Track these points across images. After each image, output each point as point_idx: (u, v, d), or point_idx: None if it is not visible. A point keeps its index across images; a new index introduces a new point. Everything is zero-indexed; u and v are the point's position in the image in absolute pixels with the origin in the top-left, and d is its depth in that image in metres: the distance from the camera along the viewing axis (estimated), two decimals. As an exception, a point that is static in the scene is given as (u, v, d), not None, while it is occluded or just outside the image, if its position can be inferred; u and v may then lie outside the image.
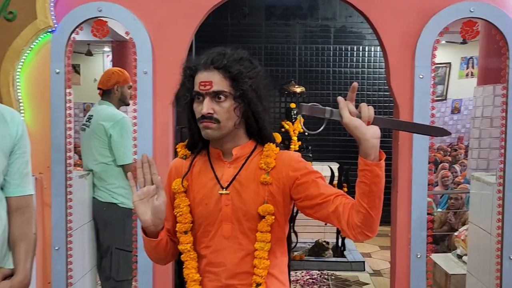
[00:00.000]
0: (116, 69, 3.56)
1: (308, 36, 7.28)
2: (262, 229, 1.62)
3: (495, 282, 2.77)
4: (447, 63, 7.14)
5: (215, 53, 1.59)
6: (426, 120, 2.71)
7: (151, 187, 1.51)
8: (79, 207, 3.03)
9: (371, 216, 1.47)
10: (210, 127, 1.56)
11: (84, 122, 3.46)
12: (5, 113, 1.82)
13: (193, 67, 1.60)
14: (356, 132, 1.44)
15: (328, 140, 7.04)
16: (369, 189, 1.46)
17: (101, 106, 3.41)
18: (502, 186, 2.71)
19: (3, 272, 1.75)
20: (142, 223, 1.52)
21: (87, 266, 3.31)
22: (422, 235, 2.73)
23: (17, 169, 1.82)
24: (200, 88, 1.56)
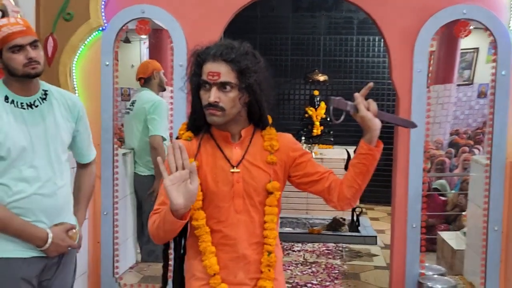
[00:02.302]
0: (149, 60, 4.00)
1: (333, 27, 7.48)
2: (271, 204, 1.74)
3: (481, 250, 3.10)
4: (474, 48, 7.15)
5: (224, 46, 1.66)
6: (423, 109, 3.03)
7: (183, 171, 1.51)
8: (122, 179, 3.44)
9: (361, 190, 1.78)
10: (216, 114, 1.64)
11: (128, 106, 3.90)
12: (68, 99, 2.18)
13: (203, 56, 1.66)
14: (369, 124, 1.66)
15: (349, 126, 7.27)
16: (367, 169, 1.72)
17: (143, 92, 3.82)
18: (489, 166, 3.03)
19: (66, 227, 2.08)
20: (174, 206, 1.51)
21: (129, 231, 3.75)
22: (417, 207, 3.07)
23: (83, 142, 2.25)
24: (208, 77, 1.63)
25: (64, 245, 2.05)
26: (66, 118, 2.13)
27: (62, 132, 2.10)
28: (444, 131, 6.37)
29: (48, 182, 2.02)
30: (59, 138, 2.08)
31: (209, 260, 1.70)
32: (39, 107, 2.05)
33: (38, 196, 1.99)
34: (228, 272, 1.72)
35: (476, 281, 3.21)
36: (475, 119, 6.73)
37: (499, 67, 2.98)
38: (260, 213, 1.75)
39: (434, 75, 5.77)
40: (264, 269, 1.74)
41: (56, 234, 2.02)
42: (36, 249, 2.00)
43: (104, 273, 3.24)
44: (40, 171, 2.00)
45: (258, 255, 1.75)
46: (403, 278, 3.10)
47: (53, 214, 2.04)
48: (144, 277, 3.57)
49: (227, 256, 1.72)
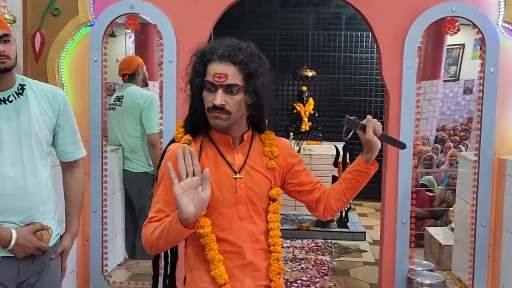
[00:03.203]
0: (132, 55, 4.00)
1: (321, 23, 7.53)
2: (276, 211, 1.72)
3: (469, 245, 3.14)
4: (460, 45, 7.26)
5: (231, 47, 1.59)
6: (412, 105, 3.06)
7: (194, 178, 1.44)
8: (111, 176, 3.42)
9: (347, 203, 1.84)
10: (221, 117, 1.58)
11: (112, 102, 3.84)
12: (47, 92, 2.06)
13: (208, 56, 1.59)
14: (372, 145, 1.73)
15: (337, 122, 7.35)
16: (359, 185, 1.79)
17: (131, 87, 3.80)
18: (477, 163, 3.07)
19: (34, 227, 1.99)
20: (184, 215, 1.43)
21: (118, 228, 3.74)
22: (407, 204, 3.10)
23: (66, 139, 2.15)
24: (214, 79, 1.56)
25: (31, 247, 1.97)
26: (45, 112, 2.05)
27: (38, 127, 2.01)
28: (431, 127, 6.44)
29: (15, 181, 1.95)
30: (33, 134, 1.99)
31: (218, 269, 1.64)
32: (13, 102, 1.98)
33: (2, 196, 1.93)
34: (235, 280, 1.66)
35: (464, 276, 3.26)
36: (461, 114, 6.81)
37: (487, 65, 3.01)
38: (263, 220, 1.72)
39: (421, 71, 5.82)
40: (275, 278, 1.71)
41: (22, 235, 1.94)
42: (3, 249, 1.94)
43: (93, 271, 3.23)
44: (7, 169, 1.93)
45: (263, 262, 1.72)
46: (393, 274, 3.13)
47: (24, 213, 1.98)
48: (133, 274, 3.56)
49: (233, 264, 1.67)
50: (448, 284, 3.42)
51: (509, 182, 2.95)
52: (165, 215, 1.58)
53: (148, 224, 1.61)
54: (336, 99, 7.58)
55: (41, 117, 2.03)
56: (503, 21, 3.00)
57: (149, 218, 1.62)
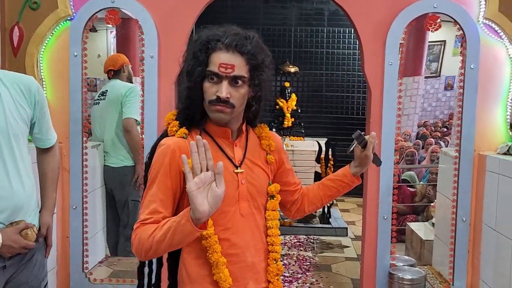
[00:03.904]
0: (118, 53, 4.08)
1: (303, 19, 7.54)
2: (274, 208, 1.66)
3: (450, 240, 3.18)
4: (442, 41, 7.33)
5: (238, 36, 1.50)
6: (394, 101, 3.08)
7: (208, 173, 1.33)
8: (92, 173, 3.40)
9: (320, 208, 1.85)
10: (224, 111, 1.49)
11: (97, 97, 3.86)
12: (21, 85, 2.01)
13: (213, 44, 1.49)
14: (368, 161, 1.76)
15: (320, 117, 7.40)
16: (338, 194, 1.82)
17: (115, 82, 3.86)
18: (458, 158, 3.11)
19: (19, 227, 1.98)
20: (198, 214, 1.32)
21: (99, 225, 3.71)
22: (388, 200, 3.12)
23: (42, 127, 2.13)
24: (220, 70, 1.46)
25: (17, 247, 1.96)
26: (21, 105, 2.01)
27: (15, 123, 1.98)
28: (412, 123, 6.50)
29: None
30: (11, 131, 1.95)
31: (223, 273, 1.53)
32: None
33: None
34: (238, 284, 1.57)
35: (445, 271, 3.30)
36: (442, 111, 6.88)
37: (468, 61, 3.05)
38: (263, 217, 1.65)
39: (403, 68, 5.85)
40: (273, 279, 1.64)
41: (7, 236, 1.93)
42: None
43: (73, 269, 3.20)
44: None
45: (263, 262, 1.64)
46: (374, 269, 3.15)
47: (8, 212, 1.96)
48: (114, 271, 3.54)
49: (235, 267, 1.56)
50: (429, 279, 3.45)
51: (489, 178, 2.99)
52: (162, 216, 1.47)
53: (141, 227, 1.46)
54: (318, 95, 7.60)
55: (16, 112, 1.99)
56: (484, 17, 3.03)
57: (142, 220, 1.47)
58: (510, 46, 3.03)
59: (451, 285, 3.17)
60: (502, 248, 2.81)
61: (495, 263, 2.90)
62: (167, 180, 1.48)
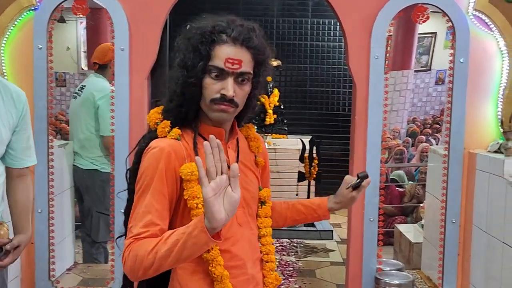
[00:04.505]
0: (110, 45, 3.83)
1: (286, 9, 7.52)
2: (266, 215, 1.62)
3: (439, 243, 3.19)
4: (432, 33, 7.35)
5: (245, 28, 1.44)
6: (380, 97, 3.07)
7: (223, 177, 1.26)
8: (59, 174, 3.35)
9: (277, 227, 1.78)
10: (228, 111, 1.43)
11: (76, 91, 3.79)
12: (13, 92, 2.05)
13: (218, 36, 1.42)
14: (351, 204, 1.77)
15: (304, 114, 7.40)
16: (304, 221, 1.82)
17: (95, 78, 3.75)
18: (447, 157, 3.12)
19: None
20: (215, 223, 1.25)
21: (68, 229, 3.66)
22: (374, 201, 3.12)
23: (20, 143, 2.09)
24: (226, 65, 1.40)
25: None
26: (10, 112, 2.02)
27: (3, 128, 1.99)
28: (401, 119, 6.52)
29: None
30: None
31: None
32: None
33: None
34: None
35: (434, 275, 3.31)
36: (432, 106, 6.90)
37: (457, 54, 3.05)
38: (256, 225, 1.60)
39: (392, 61, 5.87)
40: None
41: None
42: None
43: (39, 277, 3.15)
44: None
45: (260, 274, 1.59)
46: (360, 274, 3.15)
47: None
48: (84, 279, 3.50)
49: (237, 281, 1.49)
50: (417, 283, 3.47)
51: (479, 177, 3.00)
52: (159, 229, 1.37)
53: (135, 242, 1.35)
54: (302, 90, 7.60)
55: (5, 117, 2.00)
56: (474, 9, 3.04)
57: (136, 235, 1.36)
58: (500, 38, 3.04)
59: (441, 290, 3.18)
60: (492, 251, 2.82)
61: (486, 266, 2.92)
62: (163, 188, 1.40)
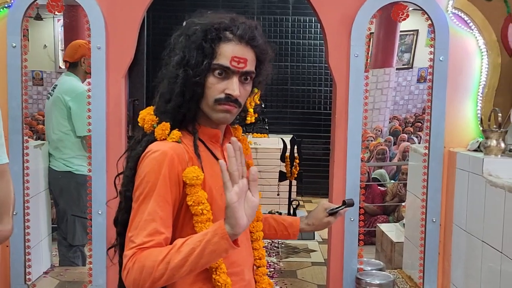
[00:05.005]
0: (82, 41, 3.77)
1: (266, 7, 7.55)
2: (258, 218, 1.61)
3: (419, 242, 3.25)
4: (414, 31, 7.41)
5: (248, 26, 1.42)
6: (360, 95, 3.13)
7: (244, 181, 1.26)
8: (34, 175, 3.34)
9: None
10: (232, 111, 1.42)
11: (50, 91, 3.79)
12: None
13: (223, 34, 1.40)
14: (323, 228, 1.78)
15: (285, 113, 7.44)
16: (273, 237, 1.81)
17: (66, 78, 3.74)
18: (427, 155, 3.18)
19: None
20: (237, 229, 1.24)
21: (44, 232, 3.65)
22: (355, 200, 3.17)
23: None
24: (232, 64, 1.38)
25: None
26: None
27: None
28: (383, 117, 6.59)
29: None
30: None
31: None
32: None
33: None
34: None
35: (415, 274, 3.37)
36: (414, 104, 6.99)
37: (437, 52, 3.12)
38: (248, 229, 1.57)
39: (373, 59, 5.93)
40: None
41: None
42: None
43: (14, 281, 3.14)
44: None
45: (253, 279, 1.58)
46: (341, 274, 3.20)
47: None
48: (61, 282, 3.50)
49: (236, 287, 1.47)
50: (398, 283, 3.53)
51: (459, 176, 3.07)
52: (164, 238, 1.33)
53: (140, 252, 1.30)
54: (283, 89, 7.64)
55: None
56: (453, 7, 3.10)
57: (140, 245, 1.31)
58: (480, 37, 3.11)
59: (422, 289, 3.25)
60: (472, 250, 2.89)
61: (466, 265, 2.98)
62: (167, 194, 1.35)
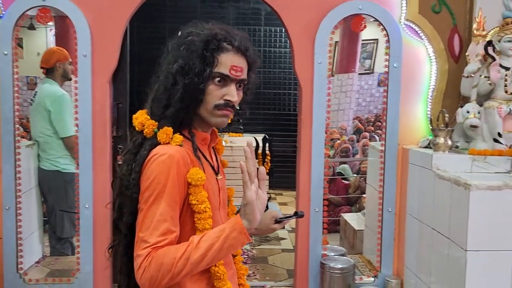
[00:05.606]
0: (56, 48, 3.72)
1: (241, 18, 7.53)
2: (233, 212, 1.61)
3: (377, 230, 3.28)
4: (374, 39, 7.50)
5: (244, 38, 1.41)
6: (323, 98, 3.13)
7: (256, 180, 1.28)
8: (26, 173, 3.27)
9: None
10: (229, 116, 1.40)
11: (32, 97, 3.69)
12: None
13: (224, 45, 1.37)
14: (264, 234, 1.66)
15: (258, 114, 7.43)
16: None
17: (44, 85, 3.62)
18: (383, 152, 3.20)
19: None
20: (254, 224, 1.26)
21: (35, 225, 3.58)
22: (319, 193, 3.17)
23: None
24: (231, 72, 1.36)
25: None
26: None
27: None
28: (348, 117, 6.63)
29: None
30: None
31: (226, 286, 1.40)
32: None
33: None
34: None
35: (374, 259, 3.39)
36: (375, 105, 7.05)
37: (391, 60, 3.14)
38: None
39: (338, 65, 5.95)
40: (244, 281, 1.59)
41: None
42: None
43: (7, 269, 3.08)
44: None
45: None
46: (307, 260, 3.20)
47: None
48: (51, 271, 3.44)
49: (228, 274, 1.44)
50: (359, 266, 3.55)
51: (411, 170, 3.09)
52: (175, 236, 1.30)
53: (155, 251, 1.26)
54: (257, 92, 7.47)
55: None
56: (405, 19, 3.12)
57: (154, 244, 1.26)
58: (429, 46, 3.14)
59: (379, 272, 3.26)
60: (423, 236, 2.91)
61: (418, 250, 3.00)
62: (176, 195, 1.31)
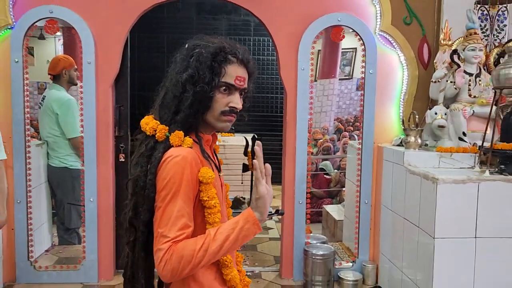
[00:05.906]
0: (62, 56, 3.70)
1: (232, 29, 7.55)
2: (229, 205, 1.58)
3: (355, 220, 3.31)
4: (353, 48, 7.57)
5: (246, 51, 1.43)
6: (306, 102, 3.16)
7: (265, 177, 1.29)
8: (36, 169, 3.28)
9: None
10: (233, 121, 1.42)
11: (40, 101, 3.68)
12: None
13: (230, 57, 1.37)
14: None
15: (247, 115, 7.45)
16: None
17: (52, 90, 3.61)
18: (360, 150, 3.24)
19: None
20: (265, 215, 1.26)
21: (44, 218, 3.58)
22: (303, 187, 3.21)
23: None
24: (236, 82, 1.37)
25: None
26: None
27: None
28: (329, 118, 6.67)
29: None
30: None
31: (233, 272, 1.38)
32: None
33: None
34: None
35: (352, 246, 3.43)
36: (355, 108, 7.09)
37: (367, 67, 3.18)
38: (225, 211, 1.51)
39: (320, 71, 5.99)
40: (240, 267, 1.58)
41: None
42: None
43: (18, 258, 3.10)
44: None
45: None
46: (292, 247, 3.24)
47: None
48: (60, 258, 3.44)
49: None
50: (339, 253, 3.58)
51: (385, 166, 3.13)
52: (191, 230, 1.29)
53: (175, 245, 1.25)
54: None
55: None
56: (380, 30, 3.16)
57: (173, 238, 1.25)
58: (401, 54, 3.19)
59: (357, 258, 3.30)
60: (396, 225, 2.95)
61: (392, 237, 3.04)
62: (190, 192, 1.31)
